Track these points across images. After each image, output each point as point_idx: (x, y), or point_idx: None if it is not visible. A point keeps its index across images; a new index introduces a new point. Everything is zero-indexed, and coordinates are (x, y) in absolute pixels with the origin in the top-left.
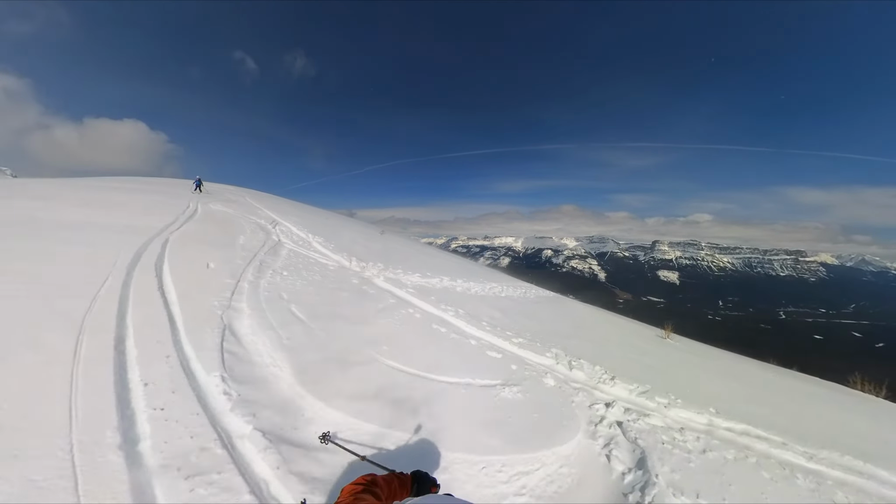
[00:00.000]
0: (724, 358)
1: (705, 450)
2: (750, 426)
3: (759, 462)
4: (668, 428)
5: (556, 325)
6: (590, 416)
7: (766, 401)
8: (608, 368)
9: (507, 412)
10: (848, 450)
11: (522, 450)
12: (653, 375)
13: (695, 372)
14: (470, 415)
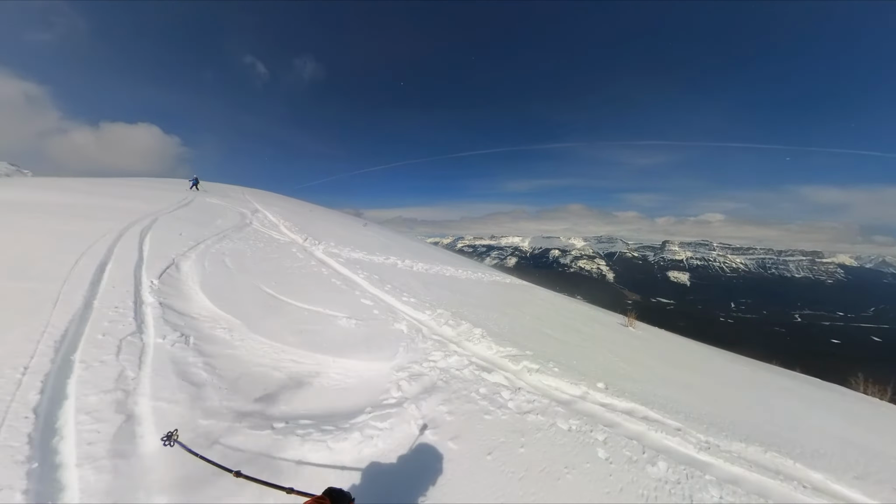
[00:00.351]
0: (692, 349)
1: (527, 412)
2: (641, 406)
3: (608, 440)
4: (497, 384)
5: (482, 300)
6: (417, 356)
7: (708, 390)
8: (494, 333)
9: (339, 336)
10: (783, 446)
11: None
12: (554, 348)
13: (628, 355)
14: (330, 334)
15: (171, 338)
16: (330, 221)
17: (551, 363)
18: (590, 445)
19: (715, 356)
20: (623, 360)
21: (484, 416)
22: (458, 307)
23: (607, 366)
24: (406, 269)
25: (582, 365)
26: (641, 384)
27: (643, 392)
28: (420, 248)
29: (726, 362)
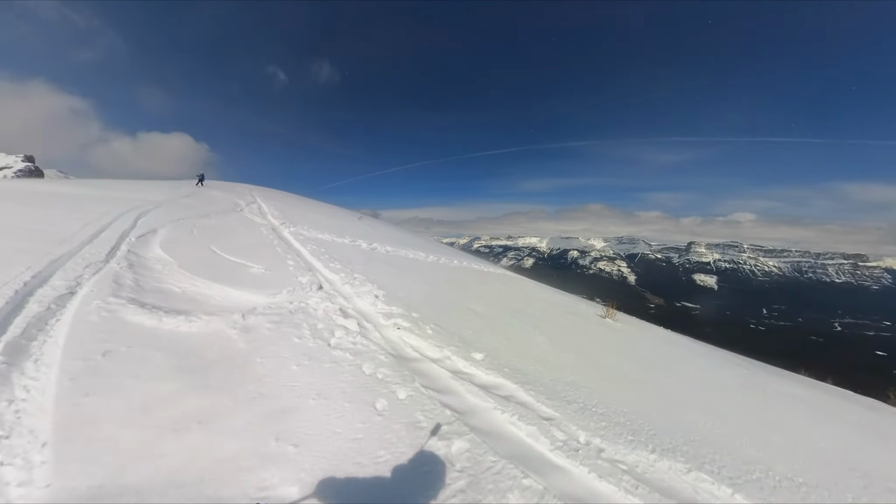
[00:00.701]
0: (679, 345)
1: (339, 348)
2: (515, 385)
3: (410, 398)
4: (343, 326)
5: (425, 278)
6: (295, 298)
7: (659, 388)
8: (394, 297)
9: (243, 278)
10: (727, 466)
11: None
12: (463, 322)
13: (573, 342)
14: (239, 276)
15: (122, 265)
16: (322, 214)
17: (431, 326)
18: (375, 392)
19: (707, 355)
20: (558, 345)
21: (294, 339)
22: (384, 278)
23: (521, 345)
24: (366, 250)
25: (480, 338)
26: (549, 368)
27: (539, 374)
28: (405, 237)
29: (719, 363)
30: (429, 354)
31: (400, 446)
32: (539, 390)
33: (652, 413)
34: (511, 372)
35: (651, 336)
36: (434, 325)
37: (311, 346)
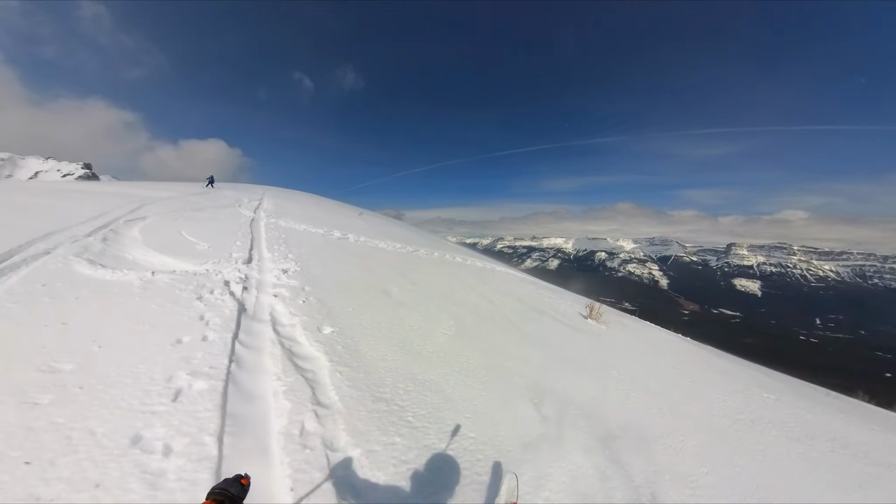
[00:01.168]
0: (668, 355)
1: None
2: (327, 362)
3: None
4: (228, 291)
5: (365, 264)
6: (214, 267)
7: (561, 398)
8: (303, 275)
9: (186, 250)
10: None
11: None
12: (360, 300)
13: (501, 337)
14: (183, 251)
15: (97, 239)
16: (321, 209)
17: (311, 299)
18: (189, 333)
19: (721, 371)
20: (470, 339)
21: (177, 291)
22: (316, 260)
23: (408, 332)
24: (330, 238)
25: (355, 316)
26: (409, 358)
27: (380, 363)
28: (396, 232)
29: (731, 383)
30: (281, 320)
31: (158, 371)
32: (352, 377)
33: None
34: (343, 351)
35: (638, 342)
36: (316, 299)
37: (183, 297)
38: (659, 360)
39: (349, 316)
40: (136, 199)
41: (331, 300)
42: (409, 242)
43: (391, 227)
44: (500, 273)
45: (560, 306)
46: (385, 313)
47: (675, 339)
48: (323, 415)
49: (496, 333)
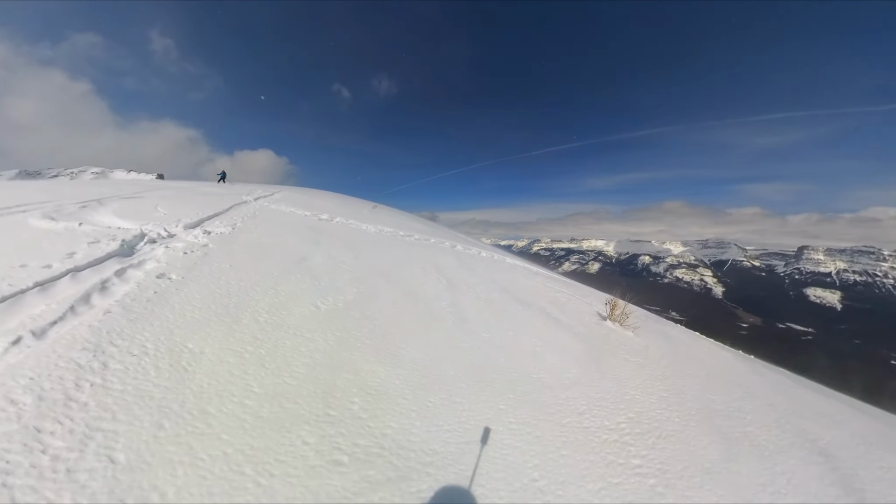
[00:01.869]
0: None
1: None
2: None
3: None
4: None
5: (317, 238)
6: (151, 228)
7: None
8: (221, 237)
9: (145, 217)
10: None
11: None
12: (266, 263)
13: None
14: (140, 216)
15: (78, 208)
16: (332, 201)
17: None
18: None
19: (796, 398)
20: (349, 314)
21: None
22: (263, 229)
23: (270, 293)
24: (312, 220)
25: (223, 271)
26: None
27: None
28: (399, 221)
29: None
30: (146, 265)
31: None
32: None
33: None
34: (170, 286)
35: (683, 360)
36: (203, 254)
37: (78, 231)
38: (713, 383)
39: (218, 272)
40: (152, 188)
41: (217, 257)
42: (403, 229)
43: (402, 219)
44: (501, 264)
45: (568, 303)
46: (273, 275)
47: (735, 359)
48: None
49: (407, 320)
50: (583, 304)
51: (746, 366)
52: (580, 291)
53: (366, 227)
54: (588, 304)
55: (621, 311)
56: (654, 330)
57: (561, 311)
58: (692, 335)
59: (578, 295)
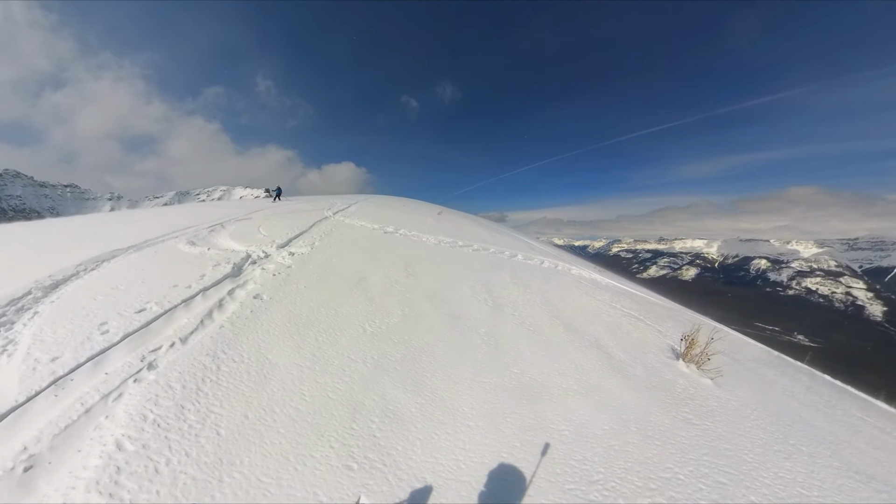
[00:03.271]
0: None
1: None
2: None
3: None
4: (250, 259)
5: (375, 253)
6: (254, 248)
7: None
8: (304, 258)
9: (250, 238)
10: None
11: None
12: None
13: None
14: (247, 237)
15: (204, 232)
16: (398, 211)
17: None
18: (206, 266)
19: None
20: (395, 336)
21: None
22: (329, 245)
23: (322, 313)
24: (377, 233)
25: (298, 290)
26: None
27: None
28: (462, 230)
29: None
30: (248, 286)
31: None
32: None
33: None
34: (256, 303)
35: (776, 422)
36: (286, 275)
37: (208, 254)
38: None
39: (295, 292)
40: (258, 208)
41: (297, 277)
42: (464, 238)
43: (466, 225)
44: (564, 276)
45: (632, 331)
46: (336, 296)
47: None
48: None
49: (439, 348)
50: (653, 332)
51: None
52: (656, 312)
53: (426, 238)
54: (659, 333)
55: (702, 350)
56: (750, 375)
57: (619, 342)
58: (821, 382)
59: (651, 318)
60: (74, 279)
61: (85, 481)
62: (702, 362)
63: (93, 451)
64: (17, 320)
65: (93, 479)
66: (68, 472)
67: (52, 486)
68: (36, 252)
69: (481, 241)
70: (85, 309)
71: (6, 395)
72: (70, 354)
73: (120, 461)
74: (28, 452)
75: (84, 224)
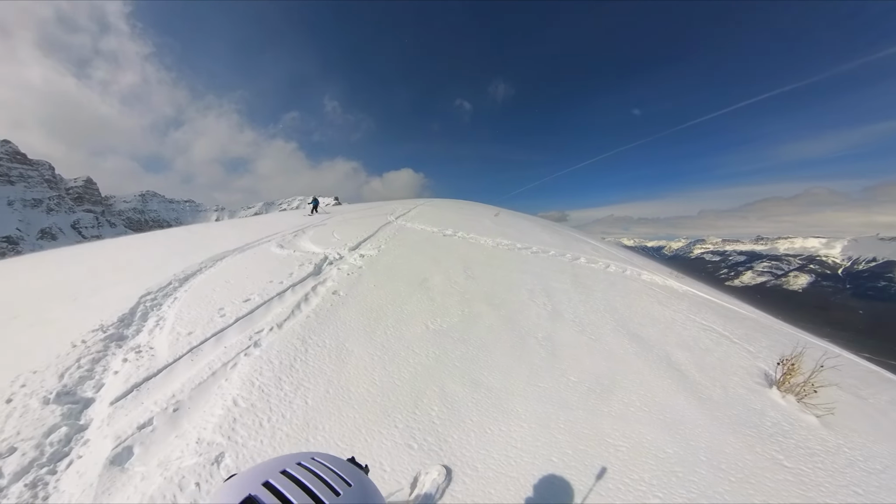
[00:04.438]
0: None
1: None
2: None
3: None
4: (327, 260)
5: (435, 255)
6: (330, 251)
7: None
8: (372, 259)
9: (327, 241)
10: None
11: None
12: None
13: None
14: (323, 240)
15: (288, 236)
16: (456, 213)
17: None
18: (293, 266)
19: None
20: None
21: (294, 257)
22: (394, 247)
23: (384, 317)
24: (437, 236)
25: (367, 288)
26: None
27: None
28: (515, 231)
29: None
30: (327, 283)
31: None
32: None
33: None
34: (337, 299)
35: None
36: (358, 275)
37: (294, 256)
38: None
39: (366, 290)
40: (331, 215)
41: (367, 277)
42: (522, 240)
43: (524, 226)
44: (632, 282)
45: (714, 348)
46: (401, 295)
47: None
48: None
49: (497, 349)
50: (740, 351)
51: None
52: (747, 327)
53: (484, 240)
54: (749, 353)
55: (806, 379)
56: (881, 419)
57: (695, 360)
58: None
59: (740, 334)
60: (199, 274)
61: (213, 424)
62: (805, 394)
63: (217, 403)
64: (163, 303)
65: (217, 423)
66: (201, 416)
67: (191, 424)
68: (171, 253)
69: (540, 243)
70: (208, 297)
71: (160, 356)
72: (200, 331)
73: (236, 414)
74: (175, 399)
75: (202, 231)
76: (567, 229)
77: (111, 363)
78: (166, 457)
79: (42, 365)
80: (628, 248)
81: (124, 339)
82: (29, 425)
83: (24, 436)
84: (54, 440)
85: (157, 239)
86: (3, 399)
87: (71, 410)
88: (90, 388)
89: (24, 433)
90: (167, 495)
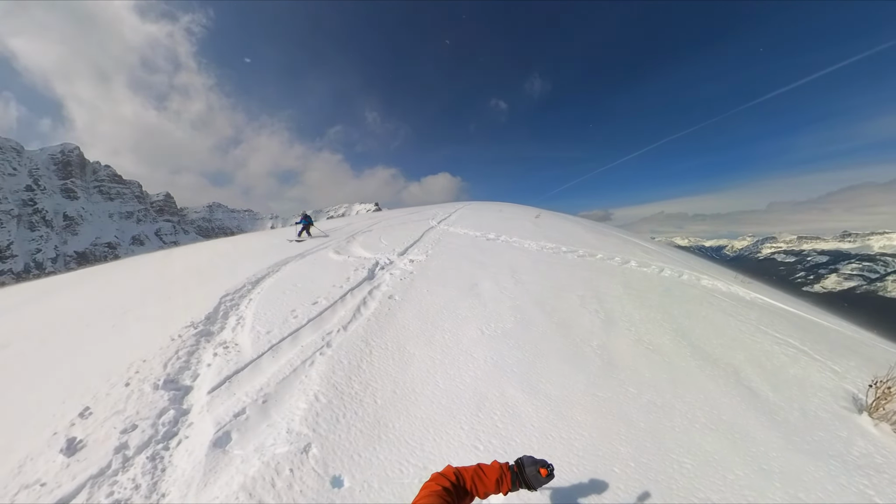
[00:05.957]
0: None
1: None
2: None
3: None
4: (378, 264)
5: (476, 258)
6: (380, 256)
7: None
8: (421, 265)
9: (376, 247)
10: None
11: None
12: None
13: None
14: (373, 246)
15: (343, 243)
16: (495, 215)
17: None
18: (348, 270)
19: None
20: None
21: (349, 265)
22: (439, 252)
23: (437, 323)
24: (474, 238)
25: (420, 293)
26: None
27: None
28: (558, 233)
29: None
30: (381, 287)
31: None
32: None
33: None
34: (390, 302)
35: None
36: (410, 280)
37: (349, 261)
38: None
39: (420, 294)
40: (376, 220)
41: (419, 282)
42: (566, 243)
43: (567, 227)
44: (690, 289)
45: (789, 365)
46: (453, 300)
47: None
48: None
49: (552, 356)
50: (823, 369)
51: None
52: (832, 342)
53: (528, 244)
54: (834, 373)
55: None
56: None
57: (767, 377)
58: None
59: (823, 350)
60: (268, 277)
61: (299, 416)
62: (885, 416)
63: (301, 398)
64: (240, 304)
65: (303, 416)
66: (288, 408)
67: (280, 415)
68: (241, 257)
69: (586, 245)
70: (279, 299)
71: (245, 351)
72: (277, 330)
73: (317, 408)
74: (263, 392)
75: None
76: (612, 229)
77: (203, 356)
78: (261, 443)
79: (149, 354)
80: (682, 249)
81: (211, 335)
82: (145, 406)
83: (141, 415)
84: (165, 421)
85: (225, 246)
86: (123, 382)
87: (175, 396)
88: (188, 377)
89: (142, 413)
90: (266, 478)
